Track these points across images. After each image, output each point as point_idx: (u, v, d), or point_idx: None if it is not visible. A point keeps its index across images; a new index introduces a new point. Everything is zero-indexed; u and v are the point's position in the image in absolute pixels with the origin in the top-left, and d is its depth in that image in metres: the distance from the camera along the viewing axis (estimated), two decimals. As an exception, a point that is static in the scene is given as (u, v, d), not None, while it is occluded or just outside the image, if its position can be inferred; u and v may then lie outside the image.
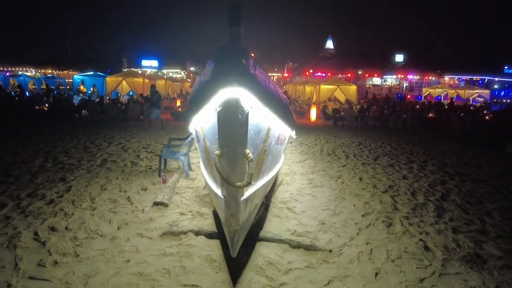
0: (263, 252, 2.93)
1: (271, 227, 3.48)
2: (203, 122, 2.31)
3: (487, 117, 15.35)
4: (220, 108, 1.89)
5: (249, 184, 1.94)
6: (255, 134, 2.11)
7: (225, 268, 2.66)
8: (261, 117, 2.21)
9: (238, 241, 2.31)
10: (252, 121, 1.99)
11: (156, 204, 3.95)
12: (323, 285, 2.51)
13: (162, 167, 5.32)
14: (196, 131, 2.63)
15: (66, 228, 3.33)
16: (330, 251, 3.02)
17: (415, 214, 4.00)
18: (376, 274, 2.70)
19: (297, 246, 3.04)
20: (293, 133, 4.10)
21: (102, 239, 3.13)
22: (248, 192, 2.18)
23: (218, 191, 2.23)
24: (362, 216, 3.90)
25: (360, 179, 5.55)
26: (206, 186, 3.03)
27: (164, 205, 3.93)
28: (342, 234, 3.39)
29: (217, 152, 1.94)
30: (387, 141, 10.01)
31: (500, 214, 4.07)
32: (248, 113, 1.90)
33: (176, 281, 2.50)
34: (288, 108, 2.77)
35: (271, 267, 2.71)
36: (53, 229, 3.30)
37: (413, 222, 3.76)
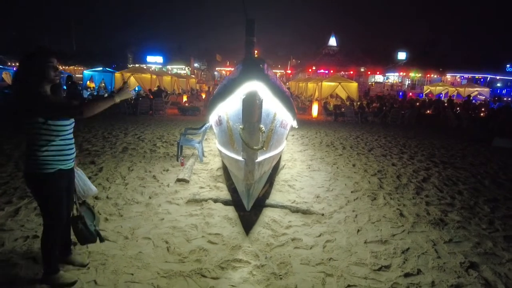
0: (268, 214, 3.68)
1: (275, 198, 4.22)
2: (227, 109, 3.10)
3: (481, 114, 15.99)
4: (244, 96, 2.71)
5: (262, 148, 2.74)
6: (266, 116, 2.92)
7: (240, 224, 3.42)
8: (270, 105, 3.01)
9: (253, 194, 3.08)
10: (264, 106, 2.80)
11: (179, 180, 4.70)
12: (315, 236, 3.25)
13: (180, 153, 6.05)
14: (219, 116, 3.38)
15: (107, 197, 4.08)
16: (323, 215, 3.76)
17: (397, 192, 4.73)
18: (358, 230, 3.43)
19: (296, 210, 3.79)
20: (294, 123, 4.82)
21: (138, 205, 3.89)
22: (260, 157, 2.96)
23: (239, 157, 2.99)
24: (352, 192, 4.64)
25: (354, 165, 6.27)
26: (225, 158, 3.78)
27: (186, 181, 4.68)
28: (333, 204, 4.13)
29: (240, 126, 2.75)
30: (383, 135, 10.70)
31: (469, 193, 4.79)
32: (262, 100, 2.70)
33: (202, 231, 3.25)
34: (289, 99, 3.51)
35: (275, 224, 3.45)
36: (96, 198, 4.04)
37: (394, 197, 4.49)
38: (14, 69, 31.24)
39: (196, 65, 51.20)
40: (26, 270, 2.48)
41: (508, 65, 46.00)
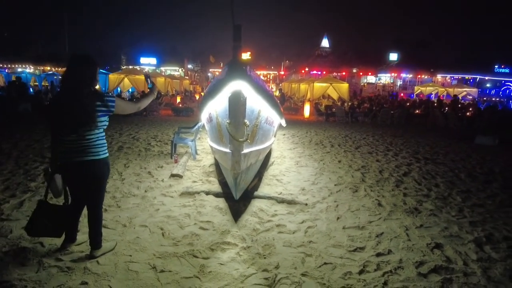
0: (256, 204, 3.97)
1: (263, 190, 4.52)
2: (216, 106, 3.43)
3: (468, 113, 16.48)
4: (230, 94, 3.04)
5: (246, 140, 3.06)
6: (250, 112, 3.24)
7: (229, 213, 3.71)
8: (254, 103, 3.33)
9: (240, 184, 3.39)
10: (249, 104, 3.13)
11: (173, 175, 4.98)
12: (298, 223, 3.56)
13: (173, 150, 6.32)
14: (210, 114, 3.68)
15: (106, 191, 4.33)
16: (306, 204, 4.07)
17: (378, 185, 5.06)
18: (338, 218, 3.74)
19: (282, 201, 4.09)
20: (282, 121, 5.15)
21: (134, 198, 4.15)
22: (246, 150, 3.27)
23: (227, 149, 3.30)
24: (335, 185, 4.96)
25: (339, 161, 6.60)
26: (215, 153, 4.08)
27: (179, 176, 4.96)
28: (316, 196, 4.44)
29: (227, 121, 3.07)
30: (371, 134, 11.06)
31: (445, 186, 5.14)
32: (246, 98, 3.04)
33: (195, 219, 3.54)
34: (273, 98, 3.82)
35: (262, 213, 3.75)
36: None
37: (374, 189, 4.82)
38: (6, 71, 31.19)
39: (189, 66, 51.42)
40: (34, 253, 2.74)
41: (496, 66, 46.92)
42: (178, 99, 19.82)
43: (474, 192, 4.86)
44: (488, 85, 46.76)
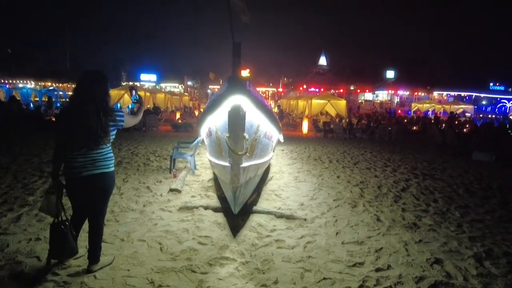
0: (255, 219, 3.96)
1: (262, 205, 4.51)
2: (216, 121, 3.47)
3: (465, 130, 16.62)
4: (230, 109, 3.09)
5: (245, 153, 3.08)
6: (250, 126, 3.28)
7: (228, 227, 3.70)
8: (253, 117, 3.38)
9: (239, 198, 3.39)
10: (248, 118, 3.18)
11: (171, 190, 4.97)
12: (297, 238, 3.54)
13: (172, 165, 6.33)
14: (209, 128, 3.73)
15: (104, 206, 4.32)
16: (305, 219, 4.06)
17: (377, 200, 5.06)
18: (337, 233, 3.73)
19: (281, 216, 4.08)
20: (280, 136, 5.19)
21: (133, 212, 4.14)
22: (245, 163, 3.29)
23: (226, 163, 3.32)
24: (334, 200, 4.95)
25: (338, 177, 6.61)
26: (215, 167, 4.09)
27: (178, 191, 4.95)
28: (315, 211, 4.43)
29: (227, 135, 3.10)
30: (369, 150, 11.11)
31: (444, 201, 5.14)
32: (245, 112, 3.09)
33: (193, 234, 3.52)
34: (272, 113, 3.88)
35: (260, 228, 3.74)
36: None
37: (373, 205, 4.82)
38: (7, 86, 31.41)
39: (189, 83, 51.95)
40: (31, 267, 2.71)
41: (491, 83, 47.62)
42: (178, 115, 19.94)
43: (472, 208, 4.86)
44: (484, 102, 47.36)
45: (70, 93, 31.17)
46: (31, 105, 22.65)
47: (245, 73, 27.26)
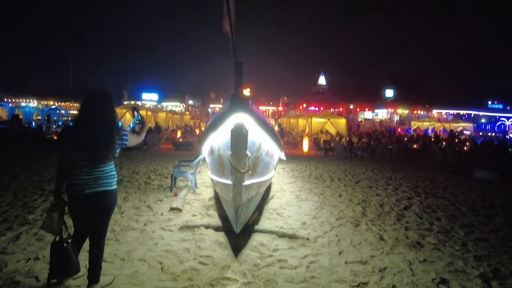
0: (257, 239, 3.91)
1: (263, 224, 4.46)
2: (218, 139, 3.50)
3: (465, 148, 16.64)
4: (233, 127, 3.13)
5: (248, 171, 3.08)
6: (252, 144, 3.30)
7: (229, 247, 3.65)
8: (256, 135, 3.41)
9: (241, 217, 3.36)
10: (250, 136, 3.21)
11: (172, 209, 4.94)
12: (299, 258, 3.49)
13: (173, 184, 6.30)
14: (211, 146, 3.74)
15: (104, 225, 4.28)
16: (308, 239, 4.00)
17: (379, 219, 5.01)
18: (340, 252, 3.68)
19: (283, 235, 4.04)
20: (282, 154, 5.19)
21: (133, 231, 4.10)
22: (247, 181, 3.28)
23: (228, 181, 3.31)
24: (336, 219, 4.90)
25: (340, 195, 6.57)
26: (216, 185, 4.08)
27: (179, 210, 4.92)
28: (318, 230, 4.38)
29: (229, 153, 3.11)
30: (370, 168, 11.08)
31: (447, 219, 5.09)
32: (248, 130, 3.12)
33: (194, 254, 3.47)
34: (274, 131, 3.90)
35: (262, 247, 3.69)
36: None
37: (376, 223, 4.77)
38: (10, 105, 31.68)
39: (190, 102, 52.51)
40: (29, 287, 2.66)
41: (489, 102, 48.06)
42: (179, 134, 20.04)
43: (476, 226, 4.81)
44: (483, 120, 47.67)
45: (72, 111, 31.50)
46: (33, 124, 22.80)
47: (246, 92, 27.55)
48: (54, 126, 21.37)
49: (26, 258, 3.17)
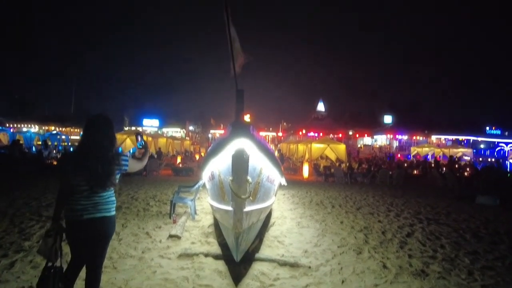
0: (257, 267, 3.82)
1: (264, 253, 4.37)
2: (219, 165, 3.50)
3: (465, 173, 16.58)
4: (234, 152, 3.15)
5: (249, 197, 3.05)
6: (253, 170, 3.30)
7: (229, 276, 3.56)
8: (256, 161, 3.41)
9: (242, 245, 3.29)
10: (251, 162, 3.22)
11: (171, 236, 4.85)
12: (301, 287, 3.39)
13: (172, 210, 6.23)
14: (212, 172, 3.74)
15: (101, 252, 4.19)
16: (309, 267, 3.91)
17: (382, 246, 4.91)
18: (343, 281, 3.58)
19: (284, 264, 3.94)
20: (283, 180, 5.18)
21: (131, 259, 4.01)
22: (248, 207, 3.25)
23: (229, 207, 3.28)
24: (338, 247, 4.81)
25: (341, 222, 6.48)
26: (216, 212, 4.04)
27: (178, 237, 4.83)
28: (320, 258, 4.29)
29: (230, 178, 3.10)
30: (371, 194, 10.99)
31: (451, 247, 4.99)
32: (249, 156, 3.13)
33: (193, 283, 3.38)
34: (274, 157, 3.92)
35: (263, 276, 3.60)
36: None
37: (378, 251, 4.67)
38: (12, 130, 31.86)
39: (191, 128, 52.85)
40: (21, 319, 2.58)
41: (487, 128, 48.42)
42: (179, 159, 20.03)
43: (482, 254, 4.71)
44: (482, 146, 47.78)
45: (73, 137, 31.65)
46: (33, 149, 22.84)
47: (246, 118, 27.88)
48: (54, 151, 21.40)
49: (19, 287, 3.09)
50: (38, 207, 6.57)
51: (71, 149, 23.59)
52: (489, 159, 36.21)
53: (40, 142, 27.68)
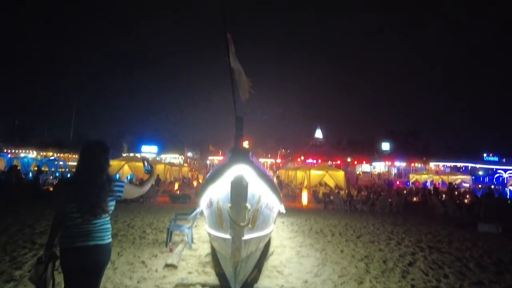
0: (256, 298, 3.69)
1: (263, 283, 4.25)
2: (218, 191, 3.47)
3: (466, 201, 16.45)
4: (233, 179, 3.13)
5: (247, 225, 2.99)
6: (252, 197, 3.27)
7: (227, 307, 3.42)
8: (255, 188, 3.39)
9: (240, 275, 3.19)
10: (250, 188, 3.20)
11: (167, 265, 4.72)
12: (302, 320, 3.26)
13: (169, 238, 6.10)
14: (210, 199, 3.69)
15: (94, 283, 4.05)
16: (310, 298, 3.78)
17: (383, 276, 4.78)
18: (345, 314, 3.45)
19: (284, 294, 3.81)
20: (281, 207, 5.11)
21: (126, 290, 3.87)
22: (247, 236, 3.18)
23: (227, 235, 3.21)
24: (339, 277, 4.68)
25: (342, 251, 6.34)
26: (214, 240, 3.95)
27: (174, 266, 4.70)
28: (320, 288, 4.16)
29: (229, 205, 3.06)
30: (371, 222, 10.83)
31: (455, 276, 4.87)
32: (248, 182, 3.11)
33: (189, 315, 3.24)
34: (273, 183, 3.89)
35: (262, 308, 3.46)
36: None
37: (380, 281, 4.54)
38: (9, 155, 31.69)
39: (189, 154, 52.84)
40: None
41: (485, 154, 48.61)
42: (176, 186, 19.87)
43: (487, 284, 4.58)
44: (480, 172, 47.74)
45: (70, 163, 31.47)
46: (30, 175, 22.66)
47: (244, 144, 27.99)
48: (51, 177, 21.24)
49: (8, 320, 2.96)
50: (31, 235, 6.43)
51: (68, 175, 23.42)
52: (489, 186, 36.04)
53: (36, 168, 27.54)
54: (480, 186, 35.12)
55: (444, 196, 18.48)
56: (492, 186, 34.52)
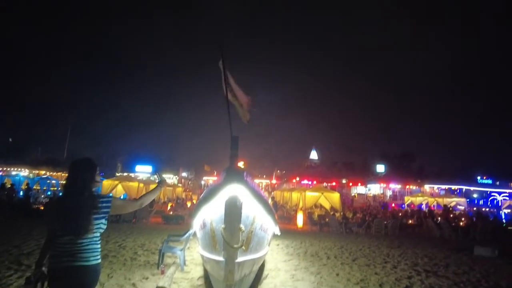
0: (249, 323, 3.58)
1: (256, 307, 4.12)
2: (211, 212, 3.45)
3: (461, 223, 16.39)
4: (227, 199, 3.11)
5: (241, 246, 2.94)
6: (246, 218, 3.24)
7: (219, 333, 3.30)
8: (250, 209, 3.36)
9: (232, 298, 3.09)
10: (244, 209, 3.17)
11: (158, 288, 4.58)
12: None
13: (161, 260, 5.95)
14: (203, 220, 3.64)
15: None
16: (305, 324, 3.67)
17: (380, 301, 4.68)
18: None
19: (278, 319, 3.70)
20: (276, 229, 5.05)
21: (114, 315, 3.73)
22: (240, 258, 3.13)
23: (220, 257, 3.15)
24: (335, 301, 4.57)
25: (337, 274, 6.23)
26: (207, 262, 3.86)
27: (165, 289, 4.56)
28: (316, 313, 4.04)
29: (222, 226, 3.02)
30: (367, 245, 10.71)
31: (452, 302, 4.78)
32: (242, 203, 3.09)
33: None
34: (268, 204, 3.86)
35: (255, 334, 3.35)
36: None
37: (377, 306, 4.44)
38: (0, 173, 31.16)
39: (184, 174, 52.46)
40: None
41: (479, 177, 48.90)
42: (169, 206, 19.59)
43: (484, 310, 4.50)
44: (475, 195, 47.84)
45: (63, 181, 31.00)
46: (21, 193, 22.24)
47: (240, 164, 27.89)
48: (42, 196, 20.87)
49: None
50: (18, 255, 6.24)
51: (60, 194, 22.99)
52: (487, 210, 35.99)
53: (26, 186, 27.05)
54: (474, 208, 35.10)
55: (439, 218, 18.42)
56: (484, 209, 34.54)
